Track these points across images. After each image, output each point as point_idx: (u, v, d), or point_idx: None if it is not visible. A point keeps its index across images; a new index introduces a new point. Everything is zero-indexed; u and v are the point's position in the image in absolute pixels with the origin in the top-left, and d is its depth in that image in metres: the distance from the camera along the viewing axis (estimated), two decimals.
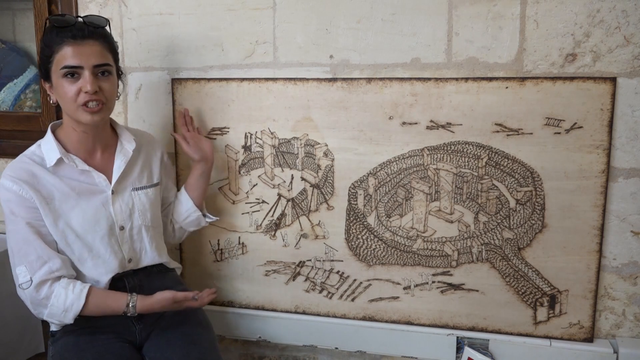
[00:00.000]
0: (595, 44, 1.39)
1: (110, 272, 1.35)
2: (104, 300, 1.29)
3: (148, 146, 1.48)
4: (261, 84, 1.59)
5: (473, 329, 1.57)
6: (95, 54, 1.25)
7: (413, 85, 1.49)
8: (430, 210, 1.55)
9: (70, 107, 1.26)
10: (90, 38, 1.26)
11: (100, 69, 1.27)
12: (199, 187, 1.55)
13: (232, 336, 1.75)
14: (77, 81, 1.24)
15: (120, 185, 1.37)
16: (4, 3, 2.00)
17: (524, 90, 1.43)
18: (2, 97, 1.95)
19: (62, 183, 1.30)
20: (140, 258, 1.42)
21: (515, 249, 1.50)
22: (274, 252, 1.68)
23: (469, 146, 1.49)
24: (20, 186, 1.26)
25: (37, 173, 1.29)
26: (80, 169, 1.31)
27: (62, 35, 1.24)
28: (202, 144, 1.56)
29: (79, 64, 1.23)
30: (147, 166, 1.46)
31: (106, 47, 1.30)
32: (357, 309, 1.64)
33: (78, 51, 1.23)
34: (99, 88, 1.25)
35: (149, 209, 1.42)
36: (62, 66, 1.23)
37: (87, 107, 1.25)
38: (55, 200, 1.29)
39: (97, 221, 1.33)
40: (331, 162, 1.58)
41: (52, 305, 1.26)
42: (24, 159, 1.31)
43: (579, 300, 1.49)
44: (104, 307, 1.29)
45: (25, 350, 1.80)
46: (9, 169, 1.29)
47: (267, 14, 1.57)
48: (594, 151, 1.42)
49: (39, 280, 1.25)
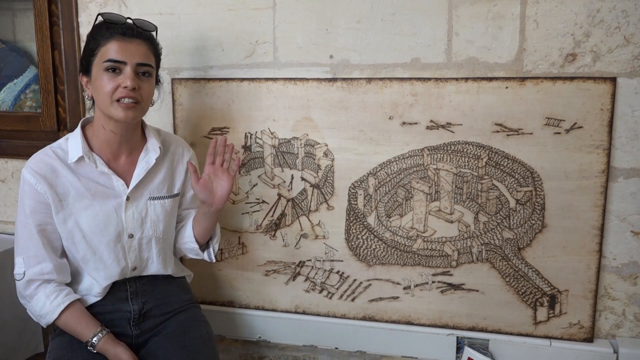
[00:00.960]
0: (595, 44, 1.39)
1: (110, 279, 1.34)
2: (76, 322, 1.29)
3: (175, 153, 1.44)
4: (261, 84, 1.59)
5: (473, 329, 1.57)
6: (139, 52, 1.27)
7: (413, 85, 1.49)
8: (430, 210, 1.55)
9: (104, 102, 1.26)
10: (137, 37, 1.27)
11: (142, 69, 1.28)
12: (201, 224, 1.43)
13: (232, 336, 1.75)
14: (118, 77, 1.25)
15: (136, 193, 1.35)
16: (4, 3, 2.00)
17: (524, 90, 1.43)
18: (2, 97, 1.95)
19: (79, 182, 1.30)
20: (146, 267, 1.40)
21: (515, 249, 1.51)
22: (274, 252, 1.68)
23: (469, 146, 1.49)
24: (37, 180, 1.27)
25: (57, 168, 1.29)
26: (99, 170, 1.31)
27: (111, 31, 1.25)
28: (216, 186, 1.37)
29: (122, 59, 1.24)
30: (170, 176, 1.42)
31: (151, 49, 1.31)
32: (357, 309, 1.64)
33: (124, 47, 1.25)
34: (137, 86, 1.26)
35: (162, 220, 1.39)
36: (105, 59, 1.24)
37: (121, 103, 1.25)
38: (70, 198, 1.29)
39: (106, 226, 1.32)
40: (331, 162, 1.58)
41: (31, 306, 1.30)
42: (48, 152, 1.31)
43: (579, 300, 1.49)
44: (73, 329, 1.29)
45: (24, 350, 1.80)
46: (32, 159, 1.30)
47: (267, 13, 1.57)
48: (594, 151, 1.42)
49: (29, 278, 1.28)
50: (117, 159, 1.34)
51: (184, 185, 1.45)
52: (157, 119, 1.71)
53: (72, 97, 1.77)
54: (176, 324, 1.39)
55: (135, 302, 1.37)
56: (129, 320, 1.35)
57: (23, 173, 1.29)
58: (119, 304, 1.36)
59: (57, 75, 1.77)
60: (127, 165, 1.35)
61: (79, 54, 1.73)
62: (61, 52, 1.75)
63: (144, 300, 1.38)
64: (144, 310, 1.37)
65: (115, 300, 1.36)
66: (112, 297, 1.36)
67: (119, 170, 1.34)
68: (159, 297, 1.41)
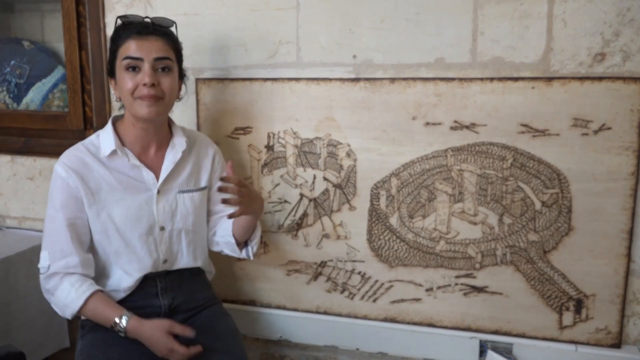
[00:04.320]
0: (625, 43, 1.36)
1: (143, 270, 1.36)
2: (102, 308, 1.29)
3: (200, 149, 1.47)
4: (284, 84, 1.59)
5: (496, 332, 1.55)
6: (156, 48, 1.29)
7: (437, 85, 1.47)
8: (454, 212, 1.53)
9: (128, 101, 1.29)
10: (153, 34, 1.30)
11: (161, 64, 1.30)
12: (238, 221, 1.43)
13: (254, 335, 1.75)
14: (137, 75, 1.28)
15: (166, 186, 1.38)
16: (33, 4, 2.05)
17: (551, 90, 1.40)
18: (31, 97, 1.99)
19: (111, 176, 1.33)
20: (176, 260, 1.42)
21: (541, 252, 1.48)
22: (295, 252, 1.68)
23: (494, 147, 1.47)
24: (69, 174, 1.30)
25: (89, 163, 1.32)
26: (131, 163, 1.34)
27: (128, 31, 1.29)
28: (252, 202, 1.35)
29: (139, 56, 1.27)
30: (196, 169, 1.45)
31: (169, 44, 1.33)
32: (378, 310, 1.64)
33: (140, 44, 1.27)
34: (157, 82, 1.28)
35: (191, 213, 1.42)
36: (124, 57, 1.27)
37: (142, 99, 1.27)
38: (102, 192, 1.32)
39: (139, 218, 1.35)
40: (354, 162, 1.58)
41: (56, 297, 1.31)
42: (80, 147, 1.35)
43: (607, 305, 1.46)
44: (100, 314, 1.29)
45: (50, 345, 1.84)
46: (64, 155, 1.33)
47: (290, 14, 1.57)
48: (622, 153, 1.38)
49: (53, 271, 1.30)
50: (146, 154, 1.38)
51: (210, 179, 1.48)
52: (180, 119, 1.72)
53: (98, 97, 1.80)
54: (204, 318, 1.43)
55: (165, 298, 1.40)
56: (159, 315, 1.38)
57: (55, 168, 1.32)
58: (150, 299, 1.39)
59: (84, 75, 1.80)
60: (157, 160, 1.38)
61: (105, 54, 1.76)
62: (88, 52, 1.78)
63: (172, 295, 1.41)
64: (173, 306, 1.41)
65: (146, 296, 1.38)
66: (143, 293, 1.38)
67: (149, 164, 1.37)
68: (186, 293, 1.43)
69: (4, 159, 1.96)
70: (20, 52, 1.99)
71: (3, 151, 1.95)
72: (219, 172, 1.50)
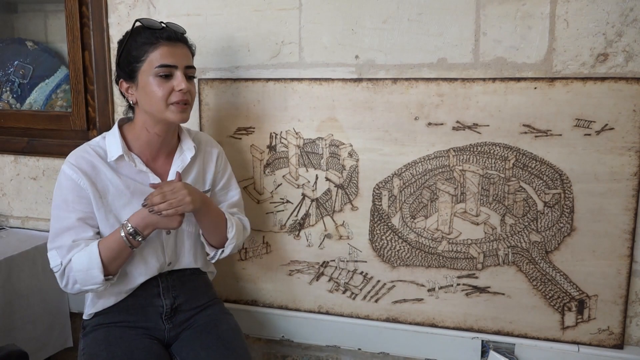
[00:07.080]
0: (627, 44, 1.36)
1: (149, 274, 1.37)
2: (109, 242, 1.26)
3: (205, 151, 1.47)
4: (287, 84, 1.60)
5: (498, 332, 1.55)
6: (185, 56, 1.31)
7: (439, 85, 1.48)
8: (456, 212, 1.53)
9: (158, 107, 1.28)
10: (180, 42, 1.31)
11: (190, 72, 1.32)
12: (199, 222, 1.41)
13: (256, 335, 1.76)
14: (169, 81, 1.28)
15: None
16: (37, 5, 2.05)
17: (553, 90, 1.40)
18: (35, 97, 1.99)
19: (118, 179, 1.32)
20: (178, 260, 1.43)
21: (543, 253, 1.48)
22: (297, 252, 1.68)
23: (496, 147, 1.47)
24: (79, 175, 1.29)
25: (97, 165, 1.32)
26: (138, 169, 1.34)
27: (157, 36, 1.28)
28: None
29: (174, 64, 1.28)
30: (202, 174, 1.46)
31: (191, 52, 1.36)
32: (380, 310, 1.64)
33: (173, 52, 1.28)
34: (188, 89, 1.29)
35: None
36: (157, 65, 1.27)
37: (177, 106, 1.28)
38: (109, 195, 1.32)
39: None
40: (356, 162, 1.58)
41: (76, 271, 1.26)
42: (87, 149, 1.34)
43: (609, 305, 1.46)
44: (112, 246, 1.26)
45: (53, 345, 1.84)
46: (71, 156, 1.33)
47: (293, 14, 1.58)
48: (625, 153, 1.38)
49: (65, 263, 1.27)
50: (155, 160, 1.38)
51: (213, 179, 1.48)
52: None
53: (101, 97, 1.80)
54: (206, 317, 1.43)
55: (167, 297, 1.40)
56: (161, 314, 1.38)
57: (63, 169, 1.31)
58: (152, 298, 1.39)
59: (87, 76, 1.81)
60: (165, 166, 1.39)
61: (108, 54, 1.77)
62: (91, 52, 1.79)
63: (174, 294, 1.41)
64: (175, 305, 1.41)
65: (148, 296, 1.39)
66: (145, 293, 1.39)
67: (157, 170, 1.38)
68: (187, 293, 1.44)
69: (8, 159, 1.97)
70: (24, 53, 2.00)
71: (6, 151, 1.96)
72: (221, 172, 1.50)
